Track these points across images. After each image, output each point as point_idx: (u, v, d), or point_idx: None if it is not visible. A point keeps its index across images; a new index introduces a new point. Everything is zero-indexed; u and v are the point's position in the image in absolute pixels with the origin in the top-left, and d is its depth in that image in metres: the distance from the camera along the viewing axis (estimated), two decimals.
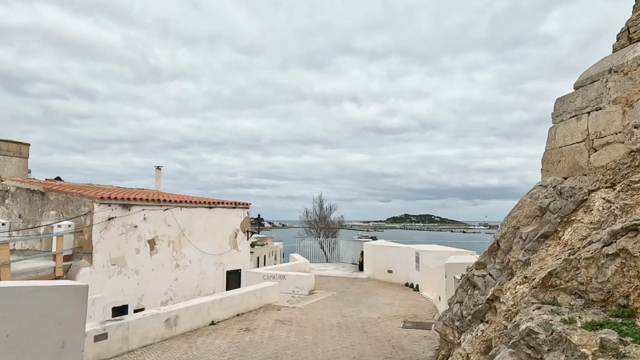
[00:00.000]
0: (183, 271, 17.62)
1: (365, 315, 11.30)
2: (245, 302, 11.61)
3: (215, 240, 19.40)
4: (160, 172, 24.73)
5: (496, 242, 5.85)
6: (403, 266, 16.93)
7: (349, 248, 24.58)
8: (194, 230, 18.34)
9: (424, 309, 12.22)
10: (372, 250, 18.57)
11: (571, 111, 5.57)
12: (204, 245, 18.72)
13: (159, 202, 16.71)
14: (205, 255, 18.73)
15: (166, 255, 16.95)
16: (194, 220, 18.39)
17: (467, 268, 7.75)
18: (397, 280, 17.12)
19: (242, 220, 21.07)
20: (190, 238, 18.07)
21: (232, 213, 20.47)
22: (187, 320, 9.59)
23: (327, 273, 19.92)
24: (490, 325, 5.62)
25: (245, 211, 21.31)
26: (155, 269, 16.44)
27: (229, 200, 20.34)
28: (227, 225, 20.13)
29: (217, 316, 10.56)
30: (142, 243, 16.05)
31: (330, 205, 27.98)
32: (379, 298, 13.84)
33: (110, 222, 14.95)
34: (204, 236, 18.76)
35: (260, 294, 12.24)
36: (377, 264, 18.19)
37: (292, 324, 10.39)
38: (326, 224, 27.52)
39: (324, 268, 21.83)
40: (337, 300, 13.54)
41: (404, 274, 16.87)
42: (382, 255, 18.02)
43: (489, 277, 5.90)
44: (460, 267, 9.87)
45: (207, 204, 19.06)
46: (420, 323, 10.49)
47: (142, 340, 8.48)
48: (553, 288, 4.58)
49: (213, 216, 19.34)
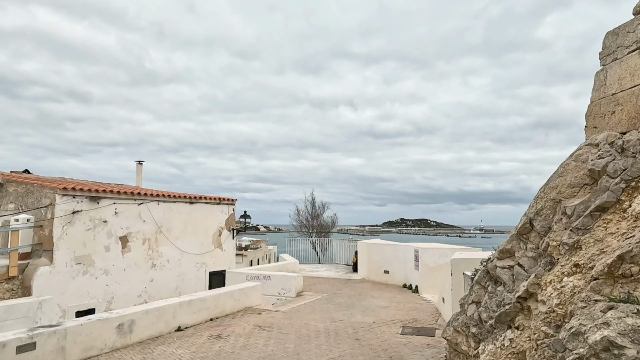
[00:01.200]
0: (160, 272, 16.08)
1: (358, 320, 9.83)
2: (221, 305, 10.11)
3: (197, 238, 17.88)
4: (141, 167, 23.19)
5: (528, 221, 4.42)
6: (400, 266, 15.48)
7: (342, 248, 23.11)
8: (173, 227, 16.82)
9: (425, 312, 10.76)
10: (367, 250, 17.12)
11: (630, 44, 4.16)
12: (184, 243, 17.19)
13: (132, 196, 15.19)
14: (186, 255, 17.20)
15: (141, 254, 15.42)
16: (173, 217, 16.87)
17: (481, 261, 6.30)
18: (394, 281, 15.67)
19: (227, 218, 19.55)
20: (169, 235, 16.55)
21: (215, 209, 18.96)
22: (147, 325, 8.08)
23: (319, 274, 18.43)
24: (523, 332, 4.18)
25: (230, 208, 19.80)
26: (128, 268, 14.90)
27: (212, 196, 18.84)
28: (211, 223, 18.61)
29: (185, 321, 9.05)
30: (113, 240, 14.50)
31: (323, 204, 26.53)
32: (374, 300, 12.37)
33: (75, 216, 13.40)
34: (184, 234, 17.24)
35: (238, 296, 10.74)
36: (373, 264, 16.73)
37: (273, 330, 8.90)
38: (318, 223, 26.05)
39: (316, 269, 20.34)
40: (327, 303, 12.05)
41: (401, 274, 15.42)
42: (377, 255, 16.57)
43: (518, 268, 4.46)
44: (469, 263, 8.43)
45: (187, 199, 17.54)
46: (421, 329, 9.02)
47: (85, 350, 6.96)
48: (626, 279, 3.14)
49: (194, 212, 17.82)
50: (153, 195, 16.06)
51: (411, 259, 14.59)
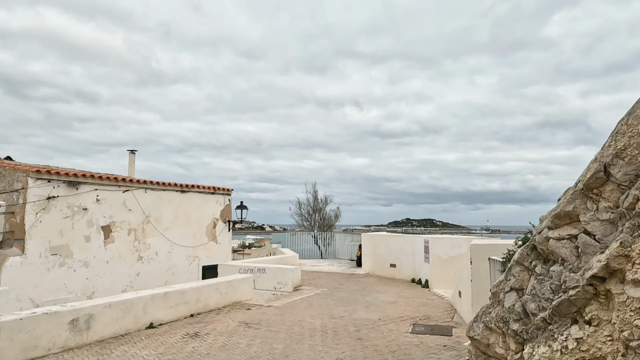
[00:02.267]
0: (147, 265, 14.85)
1: (361, 317, 8.51)
2: (204, 299, 8.83)
3: (189, 230, 16.64)
4: (134, 156, 21.98)
5: (602, 168, 3.07)
6: (408, 259, 14.13)
7: (346, 243, 21.78)
8: (162, 217, 15.59)
9: (438, 308, 9.42)
10: (372, 242, 15.78)
11: None
12: (175, 235, 15.95)
13: (116, 182, 13.97)
14: (176, 247, 15.96)
15: (126, 246, 14.20)
16: (162, 206, 15.64)
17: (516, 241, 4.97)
18: (402, 275, 14.32)
19: (223, 209, 18.30)
20: (158, 226, 15.32)
21: (210, 199, 17.71)
22: (109, 321, 6.81)
23: (320, 269, 17.13)
24: (599, 328, 2.85)
25: (226, 198, 18.55)
26: (111, 261, 13.68)
27: (206, 185, 17.59)
28: (204, 214, 17.37)
29: (159, 317, 7.78)
30: (94, 230, 13.29)
31: (326, 196, 25.19)
32: (380, 295, 11.04)
33: (50, 202, 12.20)
34: (174, 225, 16.00)
35: (225, 289, 9.46)
36: (378, 257, 15.39)
37: (261, 327, 7.61)
38: (321, 217, 24.76)
39: (317, 264, 19.04)
40: (326, 297, 10.75)
41: (409, 267, 14.07)
42: (383, 247, 15.23)
43: (585, 237, 3.12)
44: (494, 248, 7.08)
45: (178, 187, 16.31)
46: (435, 327, 7.69)
47: (26, 351, 5.70)
48: None
49: (186, 202, 16.58)
50: (140, 182, 14.84)
51: (420, 251, 13.24)
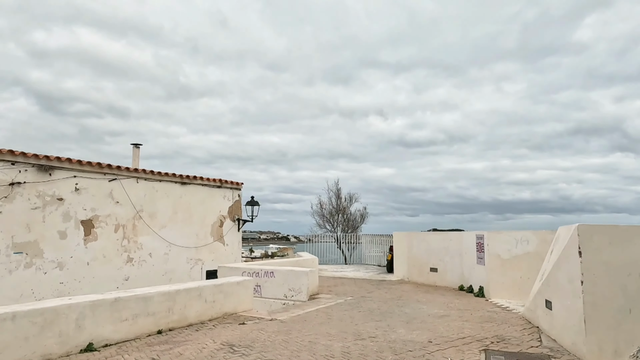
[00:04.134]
0: (139, 268, 12.57)
1: (401, 337, 5.83)
2: (179, 309, 6.34)
3: (191, 228, 14.33)
4: (138, 151, 19.90)
5: None
6: (454, 261, 11.32)
7: (374, 246, 19.03)
8: (158, 212, 13.33)
9: (511, 325, 6.62)
10: (406, 242, 13.01)
11: None
12: (173, 234, 13.66)
13: (100, 168, 11.80)
14: (175, 248, 13.65)
15: (112, 244, 11.96)
16: (158, 199, 13.39)
17: None
18: (445, 281, 11.51)
19: (232, 205, 15.95)
20: (152, 223, 13.06)
21: (216, 194, 15.39)
22: (11, 342, 4.39)
23: (344, 274, 14.46)
24: None
25: (235, 193, 16.20)
26: (92, 262, 11.45)
27: (211, 177, 15.29)
28: (209, 210, 15.05)
29: (106, 334, 5.33)
30: (72, 224, 11.11)
31: (350, 195, 22.54)
32: (422, 307, 8.31)
33: (14, 189, 10.08)
34: (173, 222, 13.72)
35: (212, 296, 6.96)
36: (414, 261, 12.62)
37: (251, 352, 5.04)
38: (345, 218, 22.11)
39: (340, 269, 16.36)
40: (350, 308, 8.09)
41: (456, 272, 11.25)
42: (420, 248, 12.44)
43: None
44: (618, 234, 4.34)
45: (178, 178, 14.05)
46: (522, 355, 4.92)
47: None
48: None
49: (188, 196, 14.30)
50: (130, 170, 12.63)
51: (471, 249, 10.42)
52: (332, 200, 22.36)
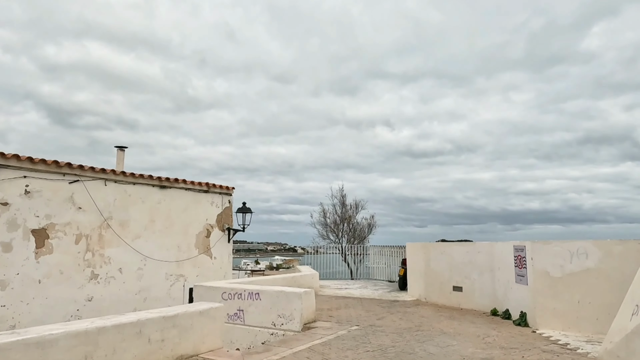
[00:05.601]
0: (105, 286, 10.62)
1: None
2: (103, 356, 4.34)
3: (172, 239, 12.39)
4: (123, 154, 18.06)
5: None
6: (484, 278, 9.23)
7: (383, 258, 16.93)
8: (131, 220, 11.42)
9: None
10: (423, 254, 10.94)
11: None
12: (150, 245, 11.73)
13: (57, 167, 9.94)
14: (151, 262, 11.70)
15: (72, 258, 10.05)
16: (131, 205, 11.49)
17: None
18: (473, 303, 9.40)
19: (221, 212, 14.01)
20: (123, 232, 11.15)
21: (202, 200, 13.47)
22: None
23: (348, 292, 12.37)
24: None
25: (225, 199, 14.27)
26: (46, 280, 9.54)
27: (196, 181, 13.38)
28: (194, 218, 13.12)
29: None
30: (20, 234, 9.23)
31: (356, 203, 20.50)
32: (451, 343, 6.24)
33: None
34: (149, 231, 11.80)
35: (161, 332, 4.94)
36: (433, 277, 10.52)
37: None
38: (351, 227, 20.07)
39: (345, 286, 14.26)
40: (355, 346, 6.05)
41: (486, 292, 9.15)
42: (441, 261, 10.36)
43: None
44: None
45: (156, 181, 12.16)
46: None
47: None
48: None
49: (168, 201, 12.40)
50: (96, 170, 10.76)
51: (507, 264, 8.34)
52: (337, 209, 20.35)
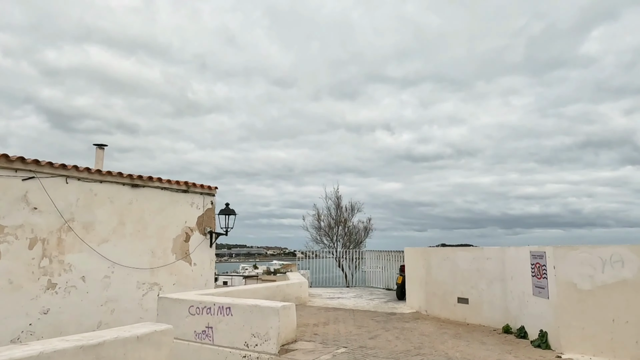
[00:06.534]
0: (65, 297, 9.40)
1: None
2: None
3: (145, 243, 11.18)
4: (102, 152, 16.86)
5: None
6: (494, 289, 8.02)
7: (381, 265, 15.71)
8: (97, 222, 10.22)
9: None
10: (422, 260, 9.72)
11: None
12: (118, 250, 10.52)
13: (8, 162, 8.75)
14: (120, 269, 10.49)
15: (23, 265, 8.83)
16: (98, 206, 10.29)
17: None
18: (481, 318, 8.17)
19: (202, 214, 12.80)
20: (87, 236, 9.94)
21: (180, 200, 12.27)
22: None
23: (340, 302, 11.14)
24: None
25: (208, 199, 13.08)
26: None
27: (174, 180, 12.19)
28: (171, 220, 11.91)
29: None
30: None
31: (352, 205, 19.27)
32: None
33: None
34: (118, 235, 10.59)
35: None
36: (434, 286, 9.31)
37: None
38: (346, 231, 18.85)
39: (337, 294, 13.02)
40: None
41: (497, 305, 7.93)
42: (443, 269, 9.14)
43: None
44: None
45: (126, 179, 10.97)
46: None
47: None
48: None
49: (140, 202, 11.20)
50: (56, 166, 9.57)
51: (522, 273, 7.13)
52: (331, 211, 19.12)
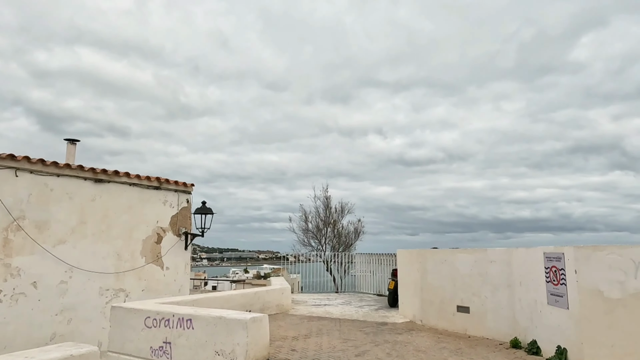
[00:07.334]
0: (11, 305, 8.26)
1: None
2: None
3: (110, 245, 10.06)
4: (74, 147, 15.64)
5: None
6: (500, 296, 7.02)
7: (372, 268, 14.69)
8: (53, 220, 9.10)
9: None
10: (418, 264, 8.71)
11: None
12: (78, 252, 9.40)
13: None
14: (80, 274, 9.36)
15: None
16: (54, 202, 9.18)
17: None
18: (485, 329, 7.17)
19: (176, 213, 11.70)
20: (40, 236, 8.82)
21: (151, 198, 11.17)
22: None
23: (327, 311, 10.08)
24: None
25: (183, 197, 11.98)
26: None
27: (144, 175, 11.10)
28: (140, 219, 10.80)
29: None
30: None
31: (342, 206, 18.21)
32: None
33: None
34: (78, 235, 9.47)
35: None
36: (431, 293, 8.30)
37: None
38: (335, 233, 17.81)
39: (325, 301, 11.97)
40: None
41: (502, 314, 6.93)
42: (440, 273, 8.14)
43: None
44: None
45: (89, 173, 9.86)
46: None
47: None
48: None
49: (105, 199, 10.09)
50: (3, 157, 8.44)
51: (535, 278, 6.15)
52: (320, 212, 18.08)
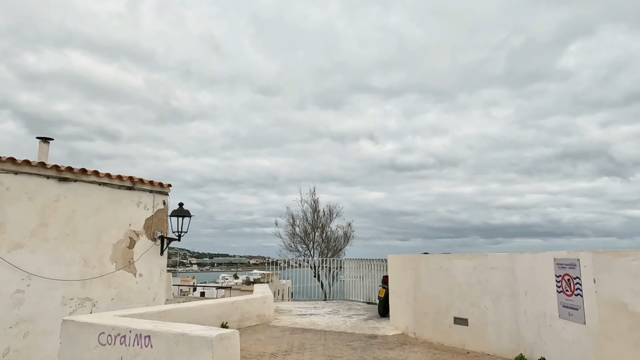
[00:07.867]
0: None
1: None
2: None
3: (75, 250, 9.19)
4: (47, 146, 14.71)
5: None
6: (502, 306, 6.31)
7: (361, 273, 13.93)
8: (9, 222, 8.23)
9: None
10: (411, 270, 7.98)
11: None
12: (37, 258, 8.52)
13: None
14: (39, 282, 8.48)
15: None
16: (10, 202, 8.31)
17: None
18: (484, 344, 6.45)
19: (151, 216, 10.86)
20: None
21: (123, 199, 10.32)
22: None
23: (312, 321, 9.29)
24: None
25: (159, 198, 11.14)
26: None
27: (115, 174, 10.25)
28: (111, 222, 9.94)
29: None
30: None
31: (330, 209, 17.43)
32: None
33: None
34: (37, 239, 8.60)
35: None
36: (425, 303, 7.57)
37: None
38: (324, 237, 17.05)
39: (311, 310, 11.17)
40: None
41: (505, 327, 6.21)
42: (436, 281, 7.41)
43: None
44: None
45: (52, 171, 9.01)
46: None
47: None
48: None
49: (70, 199, 9.24)
50: None
51: (543, 287, 5.44)
52: (307, 215, 17.31)
